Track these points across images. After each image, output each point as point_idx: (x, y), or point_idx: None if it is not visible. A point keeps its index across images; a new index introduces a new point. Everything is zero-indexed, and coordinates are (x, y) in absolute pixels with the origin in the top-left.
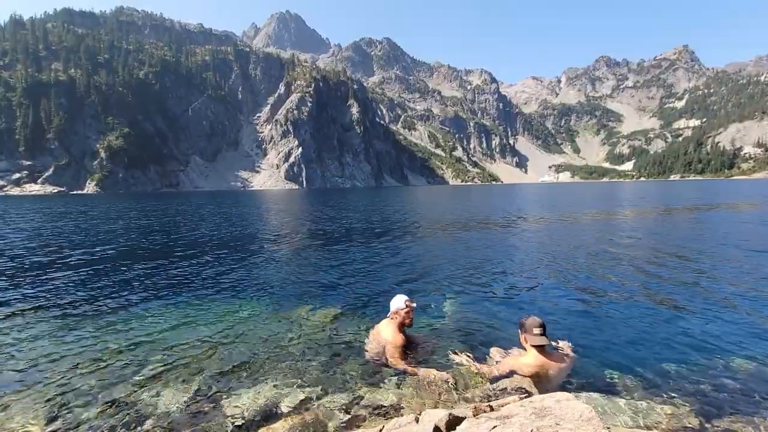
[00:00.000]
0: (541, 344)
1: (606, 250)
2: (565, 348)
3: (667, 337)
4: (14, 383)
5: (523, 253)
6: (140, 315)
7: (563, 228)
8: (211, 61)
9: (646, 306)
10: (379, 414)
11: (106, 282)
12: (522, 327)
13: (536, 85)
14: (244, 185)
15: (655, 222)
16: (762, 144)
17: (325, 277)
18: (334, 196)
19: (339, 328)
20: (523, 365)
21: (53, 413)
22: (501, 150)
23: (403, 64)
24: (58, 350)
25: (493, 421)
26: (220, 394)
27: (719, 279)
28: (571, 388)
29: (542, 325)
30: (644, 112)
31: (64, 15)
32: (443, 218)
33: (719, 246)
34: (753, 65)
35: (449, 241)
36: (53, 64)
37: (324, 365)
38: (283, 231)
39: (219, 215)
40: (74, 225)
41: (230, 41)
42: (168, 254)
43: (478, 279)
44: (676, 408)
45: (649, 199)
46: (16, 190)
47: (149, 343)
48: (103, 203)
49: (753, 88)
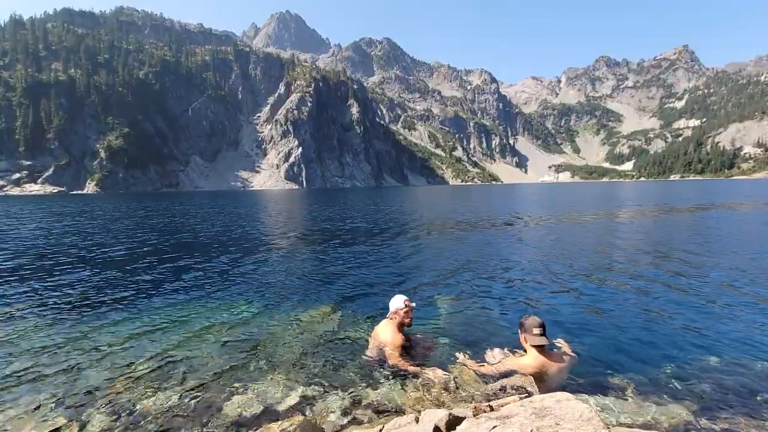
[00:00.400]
0: (540, 344)
1: (606, 250)
2: (565, 347)
3: (667, 337)
4: (14, 382)
5: (523, 253)
6: (140, 314)
7: (563, 228)
8: (211, 61)
9: (646, 306)
10: (379, 414)
11: (106, 281)
12: (522, 327)
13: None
14: (244, 185)
15: (654, 222)
16: (762, 144)
17: (325, 277)
18: (334, 196)
19: (339, 328)
20: (523, 365)
21: (53, 413)
22: (501, 150)
23: (403, 64)
24: (59, 349)
25: (493, 421)
26: (220, 393)
27: (720, 279)
28: (571, 388)
29: (542, 325)
30: (644, 112)
31: (64, 15)
32: (443, 218)
33: (720, 246)
34: (753, 65)
35: (449, 241)
36: (53, 64)
37: (324, 365)
38: (283, 231)
39: (219, 215)
40: (75, 225)
41: (230, 41)
42: (168, 254)
43: (478, 279)
44: (676, 408)
45: (649, 200)
46: (16, 190)
47: (148, 342)
48: (104, 203)
49: (753, 88)
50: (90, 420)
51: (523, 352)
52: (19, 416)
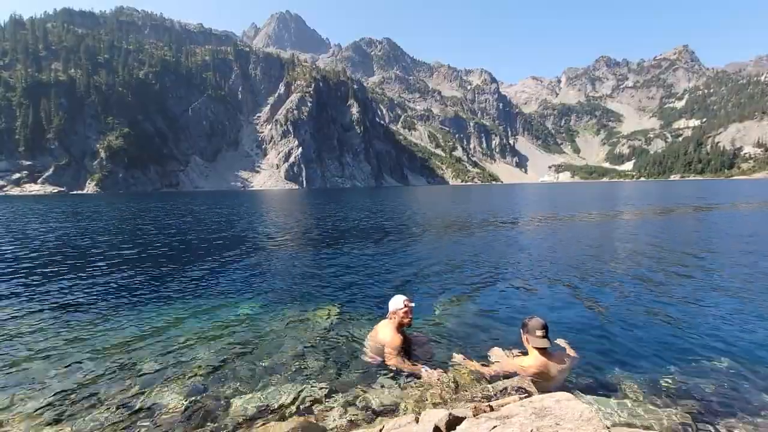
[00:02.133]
0: (543, 347)
1: (606, 251)
2: (566, 347)
3: (667, 337)
4: (14, 382)
5: (524, 252)
6: (139, 314)
7: (563, 228)
8: (211, 61)
9: (646, 306)
10: (379, 414)
11: (107, 281)
12: (525, 327)
13: (536, 85)
14: (244, 185)
15: (655, 222)
16: (762, 144)
17: (325, 277)
18: (334, 197)
19: (338, 328)
20: (524, 367)
21: (53, 412)
22: (501, 150)
23: (403, 64)
24: (59, 348)
25: (493, 421)
26: (220, 393)
27: (720, 279)
28: (571, 388)
29: (545, 327)
30: (644, 112)
31: (64, 15)
32: (443, 218)
33: (720, 246)
34: (753, 65)
35: (449, 241)
36: (53, 64)
37: (324, 365)
38: (283, 231)
39: (219, 215)
40: (77, 225)
41: (230, 41)
42: (167, 254)
43: (478, 279)
44: (676, 408)
45: (649, 200)
46: (16, 190)
47: (147, 342)
48: (105, 203)
49: (753, 88)
50: (90, 420)
51: (524, 352)
52: (19, 416)
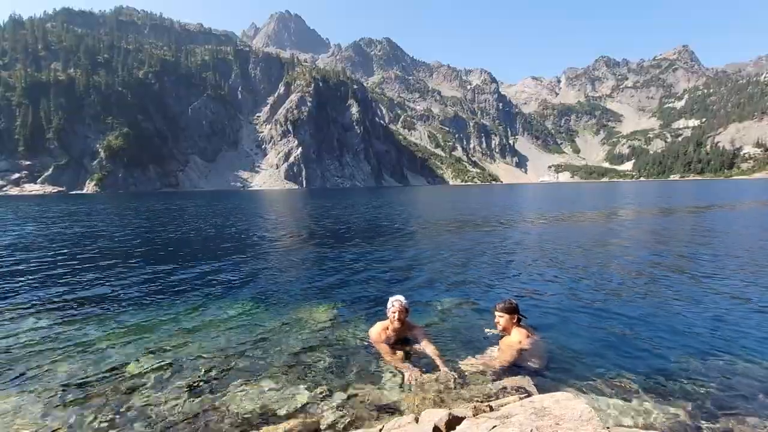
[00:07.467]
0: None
1: (606, 250)
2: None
3: (667, 337)
4: (14, 381)
5: (524, 252)
6: (139, 314)
7: (563, 228)
8: (211, 61)
9: (646, 306)
10: (379, 414)
11: (107, 281)
12: (506, 311)
13: (536, 85)
14: (243, 185)
15: (654, 222)
16: (761, 144)
17: (325, 276)
18: (333, 196)
19: (338, 328)
20: (512, 342)
21: (52, 412)
22: (501, 150)
23: (403, 64)
24: (59, 348)
25: (493, 420)
26: (219, 393)
27: (720, 279)
28: (571, 388)
29: (516, 304)
30: (644, 112)
31: (64, 15)
32: (443, 218)
33: (720, 246)
34: (753, 65)
35: (449, 241)
36: (53, 64)
37: (323, 365)
38: (283, 231)
39: (218, 215)
40: (78, 224)
41: (230, 41)
42: (167, 253)
43: (478, 278)
44: (676, 408)
45: (649, 199)
46: (16, 190)
47: (147, 342)
48: (105, 203)
49: (753, 88)
50: (89, 420)
51: (502, 337)
52: (19, 414)
